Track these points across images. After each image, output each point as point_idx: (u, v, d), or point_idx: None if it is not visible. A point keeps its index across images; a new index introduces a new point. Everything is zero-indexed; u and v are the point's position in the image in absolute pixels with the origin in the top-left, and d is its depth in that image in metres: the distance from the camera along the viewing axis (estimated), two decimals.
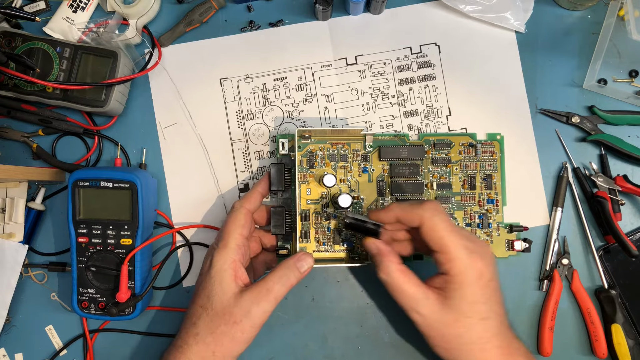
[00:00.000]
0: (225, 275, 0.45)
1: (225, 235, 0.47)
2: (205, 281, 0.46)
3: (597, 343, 0.54)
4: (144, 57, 0.57)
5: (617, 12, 0.55)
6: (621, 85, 0.57)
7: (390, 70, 0.57)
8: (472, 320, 0.42)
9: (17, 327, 0.55)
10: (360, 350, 0.55)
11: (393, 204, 0.47)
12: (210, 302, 0.45)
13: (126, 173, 0.51)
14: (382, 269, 0.45)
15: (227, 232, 0.47)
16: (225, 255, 0.46)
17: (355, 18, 0.57)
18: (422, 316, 0.43)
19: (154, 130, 0.57)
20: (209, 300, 0.45)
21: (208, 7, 0.56)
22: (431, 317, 0.43)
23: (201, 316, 0.45)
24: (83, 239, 0.51)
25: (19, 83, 0.53)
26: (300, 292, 0.56)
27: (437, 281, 0.44)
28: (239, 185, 0.56)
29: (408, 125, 0.57)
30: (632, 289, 0.54)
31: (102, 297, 0.52)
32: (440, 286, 0.43)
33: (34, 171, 0.53)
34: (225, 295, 0.44)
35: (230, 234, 0.47)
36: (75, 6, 0.56)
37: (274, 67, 0.57)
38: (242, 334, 0.44)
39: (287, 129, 0.57)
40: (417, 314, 0.43)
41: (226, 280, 0.45)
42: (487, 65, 0.57)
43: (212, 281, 0.45)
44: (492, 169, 0.55)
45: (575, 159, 0.56)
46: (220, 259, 0.46)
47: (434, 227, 0.43)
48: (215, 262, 0.46)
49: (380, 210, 0.47)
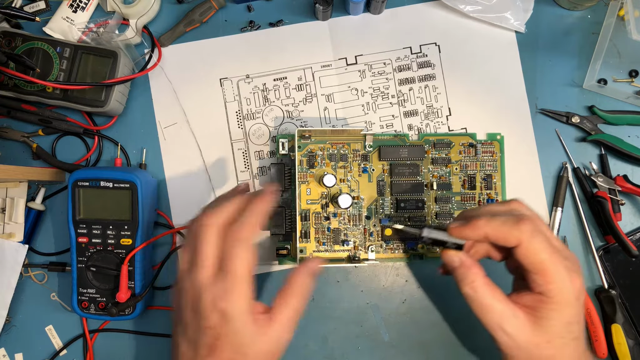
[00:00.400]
0: (247, 323, 0.38)
1: (233, 273, 0.38)
2: (225, 333, 0.38)
3: (597, 343, 0.54)
4: (144, 57, 0.57)
5: (617, 12, 0.55)
6: (621, 85, 0.57)
7: (390, 70, 0.57)
8: (565, 341, 0.40)
9: (17, 327, 0.55)
10: (360, 350, 0.55)
11: (480, 219, 0.40)
12: (244, 354, 0.38)
13: (126, 173, 0.51)
14: (466, 282, 0.41)
15: (235, 267, 0.38)
16: (240, 300, 0.37)
17: (355, 18, 0.57)
18: (509, 336, 0.39)
19: (154, 130, 0.57)
20: (240, 354, 0.38)
21: (208, 7, 0.56)
22: (520, 337, 0.39)
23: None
24: (83, 239, 0.51)
25: (19, 83, 0.53)
26: None
27: (527, 299, 0.40)
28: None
29: (408, 125, 0.57)
30: (632, 289, 0.54)
31: (102, 297, 0.52)
32: (530, 305, 0.40)
33: (34, 171, 0.53)
34: (257, 345, 0.38)
35: (241, 269, 0.38)
36: (75, 6, 0.56)
37: (274, 67, 0.57)
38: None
39: (287, 129, 0.57)
40: (503, 332, 0.39)
41: (250, 328, 0.38)
42: (487, 65, 0.57)
43: (235, 337, 0.38)
44: (492, 169, 0.55)
45: (575, 159, 0.56)
46: (237, 306, 0.37)
47: (534, 251, 0.39)
48: (232, 311, 0.37)
49: (465, 227, 0.41)
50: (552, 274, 0.39)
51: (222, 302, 0.37)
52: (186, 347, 0.39)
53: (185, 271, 0.40)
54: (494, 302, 0.40)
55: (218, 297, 0.37)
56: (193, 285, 0.39)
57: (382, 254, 0.54)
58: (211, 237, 0.39)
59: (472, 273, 0.41)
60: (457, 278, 0.42)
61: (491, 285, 0.41)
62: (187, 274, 0.40)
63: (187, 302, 0.39)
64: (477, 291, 0.40)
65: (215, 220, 0.40)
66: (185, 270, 0.40)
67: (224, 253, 0.38)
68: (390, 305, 0.56)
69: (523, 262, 0.40)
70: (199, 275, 0.38)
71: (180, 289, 0.40)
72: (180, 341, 0.40)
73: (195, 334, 0.39)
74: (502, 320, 0.40)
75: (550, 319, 0.39)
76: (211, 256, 0.39)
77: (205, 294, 0.38)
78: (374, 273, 0.56)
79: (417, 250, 0.54)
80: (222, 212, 0.41)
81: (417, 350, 0.55)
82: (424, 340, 0.55)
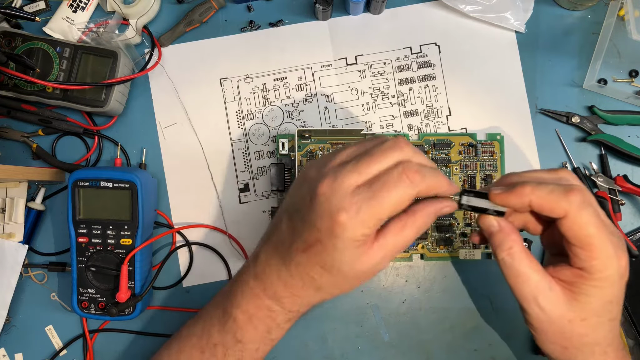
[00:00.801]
0: (351, 247, 0.36)
1: (379, 198, 0.34)
2: (324, 243, 0.36)
3: None
4: (144, 57, 0.57)
5: (617, 12, 0.55)
6: (621, 85, 0.57)
7: (390, 70, 0.57)
8: (601, 320, 0.38)
9: (17, 327, 0.55)
10: (360, 350, 0.55)
11: (526, 187, 0.37)
12: (337, 269, 0.37)
13: (126, 173, 0.51)
14: (504, 248, 0.38)
15: (383, 194, 0.35)
16: (360, 228, 0.35)
17: (355, 18, 0.57)
18: (542, 309, 0.37)
19: (154, 130, 0.57)
20: (334, 268, 0.37)
21: (208, 7, 0.56)
22: (553, 311, 0.37)
23: (323, 275, 0.38)
24: (83, 239, 0.51)
25: (19, 83, 0.53)
26: None
27: (565, 273, 0.38)
28: (239, 185, 0.56)
29: (408, 125, 0.57)
30: (632, 289, 0.54)
31: (102, 297, 0.52)
32: (569, 280, 0.37)
33: (34, 171, 0.53)
34: (353, 265, 0.37)
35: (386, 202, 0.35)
36: (75, 6, 0.56)
37: (274, 67, 0.57)
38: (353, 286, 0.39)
39: (287, 129, 0.57)
40: (536, 305, 0.37)
41: (352, 251, 0.36)
42: (487, 65, 0.57)
43: (334, 252, 0.36)
44: (492, 169, 0.55)
45: (575, 159, 0.56)
46: (351, 231, 0.35)
47: (582, 224, 0.36)
48: (343, 232, 0.35)
49: (509, 194, 0.37)
50: (598, 249, 0.36)
51: (344, 216, 0.34)
52: (286, 227, 0.39)
53: (336, 161, 0.37)
54: (530, 272, 0.37)
55: (343, 208, 0.34)
56: (333, 181, 0.35)
57: None
58: (393, 155, 0.36)
59: (511, 239, 0.38)
60: (494, 244, 0.39)
61: (529, 254, 0.38)
62: (337, 166, 0.36)
63: (311, 190, 0.36)
64: (515, 258, 0.37)
65: (410, 150, 0.37)
66: (337, 162, 0.37)
67: (389, 178, 0.35)
68: (390, 305, 0.56)
69: (567, 235, 0.37)
70: (348, 176, 0.35)
71: (318, 172, 0.37)
72: (283, 217, 0.39)
73: (301, 224, 0.37)
74: (537, 291, 0.37)
75: (590, 295, 0.37)
76: (376, 170, 0.35)
77: (334, 198, 0.35)
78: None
79: (417, 250, 0.54)
80: (419, 153, 0.37)
81: (417, 350, 0.55)
82: (424, 340, 0.55)
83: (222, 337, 0.43)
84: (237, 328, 0.42)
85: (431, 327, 0.55)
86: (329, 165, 0.37)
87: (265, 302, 0.41)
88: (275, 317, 0.41)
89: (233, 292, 0.43)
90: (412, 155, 0.36)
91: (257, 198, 0.56)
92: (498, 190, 0.38)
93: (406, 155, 0.36)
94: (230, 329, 0.42)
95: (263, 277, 0.41)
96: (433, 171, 0.36)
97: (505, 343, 0.55)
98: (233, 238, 0.56)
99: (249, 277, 0.42)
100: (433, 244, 0.54)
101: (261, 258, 0.41)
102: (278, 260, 0.40)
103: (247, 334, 0.42)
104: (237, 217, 0.56)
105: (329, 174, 0.36)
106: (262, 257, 0.41)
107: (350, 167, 0.35)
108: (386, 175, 0.35)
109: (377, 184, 0.35)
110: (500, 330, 0.55)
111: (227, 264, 0.56)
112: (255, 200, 0.56)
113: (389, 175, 0.35)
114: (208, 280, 0.56)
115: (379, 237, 0.37)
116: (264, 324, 0.42)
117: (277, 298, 0.40)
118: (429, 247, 0.54)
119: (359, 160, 0.36)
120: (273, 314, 0.41)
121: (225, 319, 0.42)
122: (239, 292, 0.42)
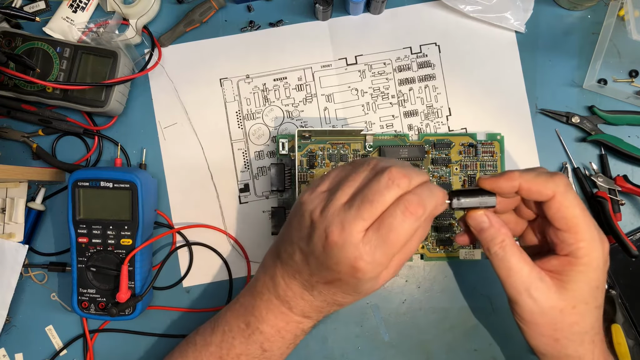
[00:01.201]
0: (375, 278, 0.38)
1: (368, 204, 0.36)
2: (346, 281, 0.38)
3: None
4: (144, 57, 0.57)
5: (617, 12, 0.55)
6: (621, 85, 0.57)
7: (390, 70, 0.57)
8: (589, 307, 0.39)
9: (17, 327, 0.55)
10: (360, 350, 0.55)
11: (514, 172, 0.38)
12: (358, 293, 0.40)
13: (126, 173, 0.51)
14: (496, 242, 0.39)
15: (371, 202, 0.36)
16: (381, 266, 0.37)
17: (355, 18, 0.57)
18: (535, 300, 0.38)
19: (154, 130, 0.57)
20: (355, 293, 0.40)
21: (208, 7, 0.56)
22: (545, 302, 0.38)
23: (345, 298, 0.40)
24: (83, 239, 0.51)
25: (19, 83, 0.53)
26: None
27: (553, 263, 0.39)
28: (239, 186, 0.56)
29: (408, 125, 0.57)
30: (632, 289, 0.54)
31: (102, 297, 0.52)
32: (555, 269, 0.39)
33: (34, 171, 0.53)
34: (364, 285, 0.39)
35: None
36: (75, 6, 0.56)
37: (274, 67, 0.57)
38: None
39: (287, 129, 0.57)
40: (529, 296, 0.38)
41: (375, 279, 0.38)
42: (487, 65, 0.57)
43: (360, 284, 0.38)
44: (492, 169, 0.55)
45: (575, 159, 0.56)
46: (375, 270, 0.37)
47: (568, 204, 0.37)
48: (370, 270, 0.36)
49: (498, 178, 0.39)
50: (583, 231, 0.38)
51: (362, 263, 0.36)
52: (301, 261, 0.40)
53: (337, 198, 0.37)
54: (521, 264, 0.38)
55: (360, 257, 0.36)
56: (342, 230, 0.36)
57: None
58: (390, 193, 0.36)
59: (502, 233, 0.39)
60: (486, 239, 0.39)
61: (519, 248, 0.39)
62: (340, 209, 0.37)
63: (322, 239, 0.37)
64: (507, 251, 0.38)
65: (406, 181, 0.36)
66: (328, 188, 0.38)
67: (394, 220, 0.35)
68: (390, 305, 0.56)
69: (555, 218, 0.38)
70: (355, 223, 0.35)
71: (322, 215, 0.37)
72: (296, 250, 0.40)
73: (318, 264, 0.38)
74: (529, 282, 0.38)
75: (577, 281, 0.38)
76: (379, 212, 0.36)
77: (348, 248, 0.36)
78: None
79: (417, 250, 0.54)
80: (413, 175, 0.36)
81: (417, 350, 0.55)
82: (424, 340, 0.55)
83: (246, 347, 0.44)
84: (264, 340, 0.43)
85: (431, 327, 0.55)
86: (330, 207, 0.37)
87: (294, 317, 0.43)
88: (304, 327, 0.44)
89: (257, 308, 0.43)
90: (408, 184, 0.36)
91: (257, 198, 0.56)
92: (487, 176, 0.40)
93: (403, 188, 0.36)
94: (256, 340, 0.43)
95: (287, 299, 0.42)
96: (430, 194, 0.36)
97: (506, 343, 0.55)
98: (233, 238, 0.56)
99: (272, 296, 0.43)
100: (433, 244, 0.54)
101: (279, 282, 0.42)
102: (300, 287, 0.41)
103: (275, 344, 0.44)
104: (237, 217, 0.56)
105: (334, 222, 0.36)
106: (281, 281, 0.42)
107: (354, 214, 0.36)
108: (390, 217, 0.35)
109: (384, 229, 0.35)
110: (500, 330, 0.55)
111: (227, 264, 0.56)
112: (255, 200, 0.56)
113: (394, 218, 0.35)
114: (208, 280, 0.56)
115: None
116: (292, 334, 0.44)
117: (304, 314, 0.43)
118: (429, 247, 0.54)
119: (360, 206, 0.36)
120: (301, 325, 0.44)
121: (250, 331, 0.43)
122: (263, 309, 0.43)
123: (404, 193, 0.36)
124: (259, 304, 0.43)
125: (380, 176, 0.36)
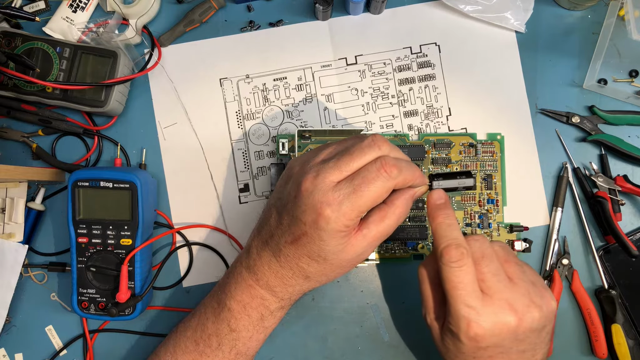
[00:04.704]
0: (336, 237, 0.38)
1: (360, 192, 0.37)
2: (310, 235, 0.38)
3: (597, 343, 0.54)
4: (143, 57, 0.57)
5: (617, 12, 0.55)
6: (621, 85, 0.57)
7: (390, 70, 0.57)
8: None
9: (17, 327, 0.55)
10: (360, 350, 0.55)
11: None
12: (324, 258, 0.40)
13: (126, 173, 0.51)
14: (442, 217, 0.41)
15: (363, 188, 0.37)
16: (342, 219, 0.37)
17: (355, 18, 0.57)
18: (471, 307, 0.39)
19: (154, 130, 0.57)
20: (320, 257, 0.40)
21: (208, 7, 0.56)
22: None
23: (310, 264, 0.41)
24: (83, 239, 0.51)
25: (18, 83, 0.53)
26: None
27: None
28: (238, 185, 0.56)
29: (408, 125, 0.57)
30: (632, 289, 0.54)
31: (102, 297, 0.52)
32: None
33: (34, 171, 0.53)
34: (339, 253, 0.39)
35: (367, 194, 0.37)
36: (75, 6, 0.56)
37: (273, 67, 0.57)
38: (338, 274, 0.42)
39: (287, 129, 0.57)
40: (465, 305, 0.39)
41: (336, 241, 0.39)
42: (487, 65, 0.57)
43: (320, 243, 0.39)
44: (492, 169, 0.55)
45: (575, 159, 0.56)
46: (334, 223, 0.37)
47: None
48: (327, 224, 0.37)
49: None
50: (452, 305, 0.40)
51: (327, 210, 0.37)
52: (275, 221, 0.41)
53: (319, 158, 0.40)
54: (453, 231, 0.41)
55: (326, 202, 0.37)
56: (315, 177, 0.38)
57: (383, 254, 0.54)
58: (371, 152, 0.38)
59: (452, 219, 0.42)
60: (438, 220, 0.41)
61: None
62: (320, 163, 0.39)
63: (296, 186, 0.39)
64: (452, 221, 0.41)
65: (387, 147, 0.39)
66: (319, 160, 0.40)
67: (369, 173, 0.38)
68: (390, 305, 0.56)
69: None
70: (330, 172, 0.38)
71: (302, 169, 0.40)
72: (272, 212, 0.42)
73: (288, 218, 0.40)
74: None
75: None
76: (356, 167, 0.38)
77: (317, 193, 0.38)
78: (373, 273, 0.56)
79: (417, 250, 0.54)
80: (395, 149, 0.40)
81: (417, 350, 0.55)
82: (424, 340, 0.55)
83: (216, 327, 0.44)
84: (231, 317, 0.44)
85: None
86: (311, 162, 0.40)
87: (258, 291, 0.43)
88: (269, 305, 0.44)
89: (227, 284, 0.45)
90: (389, 151, 0.39)
91: (257, 198, 0.56)
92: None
93: (384, 152, 0.39)
94: (224, 318, 0.44)
95: (255, 269, 0.43)
96: (408, 164, 0.39)
97: None
98: (233, 238, 0.56)
99: (242, 268, 0.44)
100: (433, 244, 0.54)
101: (252, 251, 0.43)
102: (269, 253, 0.42)
103: (240, 322, 0.44)
104: (237, 217, 0.56)
105: (311, 171, 0.39)
106: (253, 250, 0.43)
107: (331, 164, 0.38)
108: (365, 170, 0.38)
109: (357, 179, 0.38)
110: None
111: (227, 264, 0.56)
112: (255, 200, 0.56)
113: (368, 171, 0.38)
114: (208, 280, 0.56)
115: (362, 227, 0.39)
116: (258, 312, 0.44)
117: (270, 287, 0.43)
118: (429, 247, 0.54)
119: (340, 158, 0.38)
120: (266, 302, 0.43)
121: (220, 309, 0.44)
122: (232, 283, 0.44)
123: (383, 156, 0.38)
124: (230, 279, 0.45)
125: (364, 138, 0.40)
